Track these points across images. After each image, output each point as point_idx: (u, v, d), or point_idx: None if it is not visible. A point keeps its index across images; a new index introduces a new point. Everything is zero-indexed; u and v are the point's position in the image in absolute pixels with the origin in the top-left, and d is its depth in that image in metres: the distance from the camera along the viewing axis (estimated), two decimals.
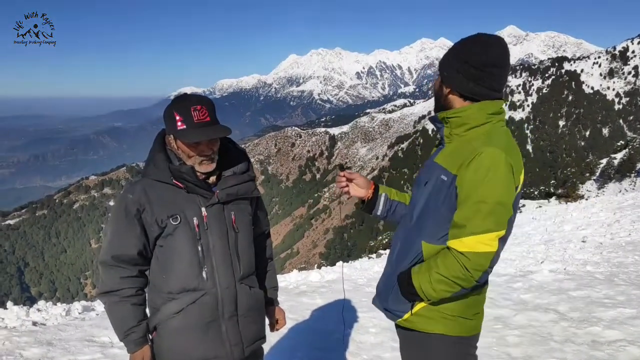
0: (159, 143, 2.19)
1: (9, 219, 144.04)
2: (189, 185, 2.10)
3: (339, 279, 7.87)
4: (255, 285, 2.33)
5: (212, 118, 2.08)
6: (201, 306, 2.12)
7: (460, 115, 1.97)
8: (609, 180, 43.60)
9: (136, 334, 2.14)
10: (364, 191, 2.35)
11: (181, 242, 2.11)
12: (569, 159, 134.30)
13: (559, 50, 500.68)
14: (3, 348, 4.27)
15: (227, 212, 2.19)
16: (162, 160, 2.13)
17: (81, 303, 6.35)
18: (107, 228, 2.20)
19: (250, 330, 2.27)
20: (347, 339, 4.76)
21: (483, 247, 1.82)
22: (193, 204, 2.12)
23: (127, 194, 2.12)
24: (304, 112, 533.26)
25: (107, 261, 2.13)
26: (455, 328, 2.05)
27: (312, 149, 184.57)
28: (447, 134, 2.05)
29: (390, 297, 2.13)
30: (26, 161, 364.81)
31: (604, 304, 5.53)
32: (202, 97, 2.13)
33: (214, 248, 2.14)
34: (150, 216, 2.10)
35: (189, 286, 2.12)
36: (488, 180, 1.82)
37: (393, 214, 2.37)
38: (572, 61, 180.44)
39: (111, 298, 2.14)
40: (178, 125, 2.04)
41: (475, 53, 1.94)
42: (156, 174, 2.12)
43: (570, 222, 14.09)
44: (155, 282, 2.19)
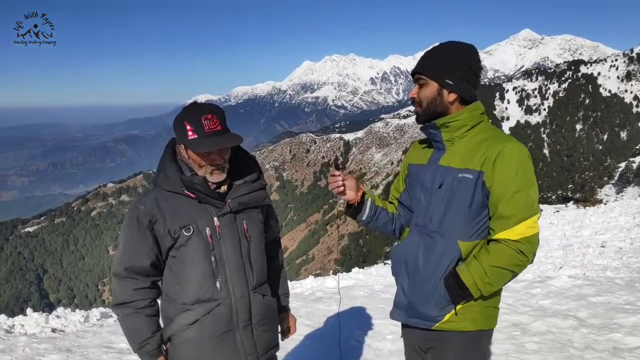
0: (169, 153, 2.17)
1: (28, 227, 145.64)
2: (200, 196, 2.10)
3: (356, 285, 7.85)
4: (268, 294, 2.32)
5: (223, 127, 2.07)
6: (216, 317, 2.12)
7: (459, 119, 2.08)
8: (627, 184, 42.98)
9: (151, 345, 2.14)
10: (353, 194, 2.29)
11: (194, 252, 2.10)
12: (587, 163, 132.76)
13: (575, 54, 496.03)
14: (23, 354, 4.32)
15: (239, 221, 2.18)
16: (173, 170, 2.11)
17: (99, 310, 6.40)
18: (120, 239, 2.19)
19: (265, 339, 2.27)
20: (363, 345, 4.74)
21: (531, 231, 1.99)
22: (205, 214, 2.12)
23: (139, 205, 2.11)
24: (318, 118, 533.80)
25: (120, 273, 2.13)
26: (491, 321, 2.16)
27: (327, 154, 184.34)
28: (447, 138, 2.12)
29: (427, 305, 2.11)
30: (45, 169, 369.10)
31: (624, 310, 5.44)
32: (212, 105, 2.11)
33: (227, 258, 2.14)
34: (162, 227, 2.09)
35: (203, 297, 2.11)
36: (520, 172, 1.97)
37: (376, 220, 2.36)
38: (589, 64, 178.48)
39: (125, 310, 2.14)
40: (189, 134, 2.03)
41: (474, 60, 2.10)
42: (168, 185, 2.11)
43: (589, 227, 13.94)
44: (169, 293, 2.18)
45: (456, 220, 2.06)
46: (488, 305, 2.13)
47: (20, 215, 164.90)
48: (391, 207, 2.42)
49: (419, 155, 2.31)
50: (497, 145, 2.01)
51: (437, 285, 2.08)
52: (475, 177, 2.02)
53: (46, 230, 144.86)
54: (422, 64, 2.13)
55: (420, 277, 2.13)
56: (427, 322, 2.14)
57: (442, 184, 2.09)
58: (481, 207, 2.05)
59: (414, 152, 2.37)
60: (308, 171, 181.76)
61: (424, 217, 2.15)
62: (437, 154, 2.18)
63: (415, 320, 2.18)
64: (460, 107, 2.11)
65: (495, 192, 1.99)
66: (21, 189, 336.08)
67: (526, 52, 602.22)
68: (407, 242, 2.23)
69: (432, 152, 2.21)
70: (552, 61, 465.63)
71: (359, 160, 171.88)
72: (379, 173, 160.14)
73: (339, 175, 2.26)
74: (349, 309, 6.01)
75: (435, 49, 2.15)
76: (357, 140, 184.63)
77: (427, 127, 2.15)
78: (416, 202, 2.22)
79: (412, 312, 2.18)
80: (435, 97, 2.10)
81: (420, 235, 2.16)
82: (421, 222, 2.17)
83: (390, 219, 2.39)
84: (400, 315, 2.24)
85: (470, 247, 2.06)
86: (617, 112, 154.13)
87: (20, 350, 4.40)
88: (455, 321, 2.09)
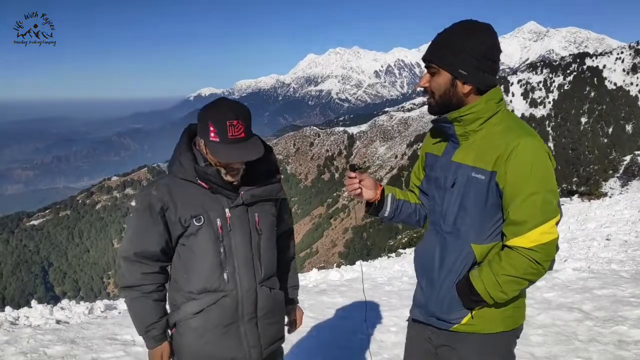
0: (185, 141, 2.15)
1: (34, 220, 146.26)
2: (213, 187, 2.08)
3: (359, 278, 7.85)
4: (276, 287, 2.31)
5: (247, 134, 2.02)
6: (221, 307, 2.12)
7: (474, 111, 1.89)
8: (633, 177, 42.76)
9: (156, 330, 2.15)
10: (372, 193, 2.21)
11: (203, 242, 2.09)
12: (592, 156, 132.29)
13: (581, 46, 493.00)
14: (27, 346, 4.33)
15: (250, 214, 2.17)
16: (188, 159, 2.09)
17: (104, 302, 6.43)
18: (130, 223, 2.18)
19: (269, 332, 2.26)
20: (368, 337, 4.73)
21: (547, 237, 1.80)
22: (217, 204, 2.11)
23: (152, 191, 2.10)
24: (322, 111, 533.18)
25: (130, 257, 2.12)
26: (515, 321, 2.05)
27: (331, 148, 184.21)
28: (460, 133, 1.96)
29: (443, 307, 2.04)
30: (49, 163, 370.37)
31: (630, 302, 5.42)
32: (239, 107, 2.04)
33: (237, 249, 2.13)
34: (173, 215, 2.08)
35: (210, 287, 2.11)
36: (535, 172, 1.79)
37: (399, 215, 2.28)
38: (594, 57, 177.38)
39: (132, 293, 2.14)
40: (211, 136, 1.99)
41: (491, 44, 1.88)
42: (181, 173, 2.09)
43: (594, 220, 13.91)
44: (177, 280, 2.18)
45: (470, 222, 1.94)
46: (509, 307, 2.00)
47: (26, 208, 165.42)
48: (413, 197, 2.32)
49: (435, 144, 2.15)
50: (511, 140, 1.82)
51: (452, 289, 2.00)
52: (487, 177, 1.87)
53: (51, 223, 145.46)
54: (432, 51, 1.92)
55: (435, 278, 2.05)
56: (445, 323, 2.05)
57: (455, 182, 1.96)
58: (496, 209, 1.91)
59: (431, 139, 2.21)
60: (312, 165, 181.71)
61: (438, 216, 2.06)
62: (450, 147, 2.03)
63: (433, 320, 2.09)
64: (477, 98, 1.92)
65: (508, 194, 1.83)
66: (26, 182, 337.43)
67: (531, 44, 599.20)
68: (426, 241, 2.15)
69: (446, 145, 2.07)
70: (557, 54, 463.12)
71: (363, 154, 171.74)
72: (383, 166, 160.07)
73: (355, 177, 2.17)
74: (353, 302, 6.02)
75: (447, 32, 1.90)
76: (361, 134, 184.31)
77: (438, 120, 1.99)
78: (431, 199, 2.12)
79: (430, 312, 2.10)
80: (448, 88, 1.91)
81: (436, 235, 2.07)
82: (436, 220, 2.08)
83: (413, 210, 2.29)
84: (421, 315, 2.16)
85: (485, 250, 1.94)
86: (622, 105, 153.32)
87: (24, 342, 4.42)
88: (473, 324, 1.99)
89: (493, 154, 1.85)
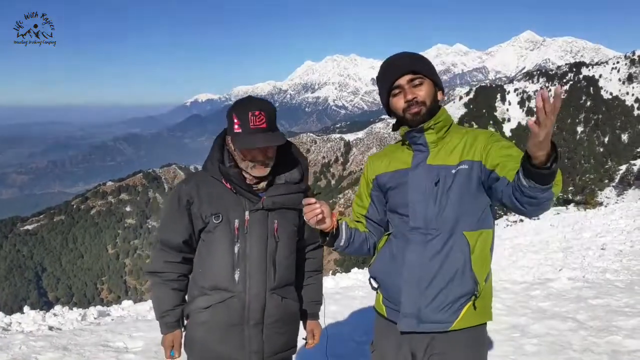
0: (219, 142, 2.22)
1: (28, 225, 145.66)
2: (236, 187, 2.14)
3: (354, 285, 7.83)
4: (290, 297, 2.30)
5: (269, 125, 2.07)
6: (228, 307, 2.15)
7: (442, 119, 2.08)
8: (628, 186, 43.02)
9: (170, 317, 2.25)
10: (329, 220, 2.09)
11: (219, 241, 2.15)
12: (588, 166, 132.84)
13: (577, 56, 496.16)
14: (19, 352, 4.30)
15: (270, 220, 2.19)
16: (215, 159, 2.17)
17: (97, 308, 6.39)
18: (162, 212, 2.34)
19: (275, 342, 2.25)
20: (363, 346, 4.71)
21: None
22: (238, 206, 2.15)
23: (182, 185, 2.22)
24: (319, 118, 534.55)
25: (157, 244, 2.26)
26: (491, 313, 2.16)
27: (327, 155, 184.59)
28: (432, 140, 2.08)
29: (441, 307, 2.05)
30: (44, 167, 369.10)
31: (624, 312, 5.42)
32: (264, 102, 2.11)
33: (251, 253, 2.15)
34: (197, 209, 2.16)
35: (220, 285, 2.16)
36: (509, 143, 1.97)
37: (353, 243, 2.23)
38: (590, 66, 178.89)
39: (155, 279, 2.26)
40: (235, 128, 2.07)
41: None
42: (210, 171, 2.18)
43: (589, 229, 13.91)
44: (195, 274, 2.26)
45: (458, 213, 2.02)
46: (491, 296, 2.14)
47: (20, 213, 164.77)
48: (361, 226, 2.31)
49: (390, 163, 2.21)
50: (484, 135, 2.05)
51: (451, 283, 2.02)
52: (470, 166, 2.00)
53: (45, 228, 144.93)
54: (416, 63, 2.06)
55: (430, 279, 2.04)
56: (443, 325, 2.05)
57: (437, 180, 2.04)
58: (480, 195, 2.03)
59: (379, 163, 2.26)
60: None
61: (423, 218, 2.06)
62: (420, 156, 2.11)
63: (430, 325, 2.07)
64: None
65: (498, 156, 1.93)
66: (21, 187, 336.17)
67: (528, 53, 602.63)
68: (403, 249, 2.11)
69: (412, 156, 2.13)
70: (553, 63, 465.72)
71: (360, 161, 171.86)
72: None
73: (315, 203, 2.02)
74: (348, 309, 5.99)
75: (409, 53, 2.13)
76: (358, 141, 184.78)
77: (411, 131, 2.08)
78: (410, 206, 2.10)
79: (424, 318, 2.07)
80: (434, 95, 2.08)
81: (420, 238, 2.07)
82: (419, 224, 2.07)
83: (364, 239, 2.28)
84: (411, 325, 2.09)
85: (476, 237, 2.03)
86: (618, 115, 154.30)
87: (16, 348, 4.38)
88: (470, 317, 2.05)
89: (471, 148, 2.03)
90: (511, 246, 13.65)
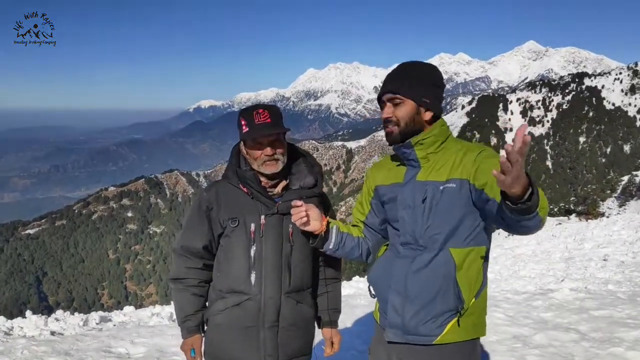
0: (236, 151, 2.34)
1: (29, 229, 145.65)
2: (252, 191, 2.22)
3: (356, 293, 7.82)
4: (305, 302, 2.34)
5: (273, 120, 2.19)
6: (244, 310, 2.21)
7: (433, 134, 2.10)
8: (630, 197, 42.85)
9: (191, 322, 2.32)
10: (318, 224, 2.23)
11: (236, 244, 2.23)
12: (590, 176, 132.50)
13: (580, 66, 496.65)
14: (22, 357, 4.30)
15: (285, 224, 2.25)
16: (233, 164, 2.29)
17: (98, 313, 6.40)
18: (184, 219, 2.37)
19: (290, 345, 2.29)
20: (364, 355, 4.70)
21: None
22: (255, 210, 2.23)
23: (203, 192, 2.31)
24: (321, 125, 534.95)
25: (178, 250, 2.32)
26: (484, 328, 2.17)
27: (329, 162, 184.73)
28: (422, 156, 2.11)
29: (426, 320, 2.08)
30: (47, 172, 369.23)
31: (626, 324, 5.41)
32: (268, 104, 2.27)
33: (266, 256, 2.21)
34: (216, 215, 2.25)
35: (236, 288, 2.22)
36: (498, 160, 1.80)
37: (343, 248, 2.32)
38: (593, 77, 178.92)
39: (177, 285, 2.32)
40: (244, 129, 2.19)
41: (439, 77, 2.16)
42: (229, 177, 2.28)
43: (591, 240, 13.89)
44: (214, 278, 2.33)
45: (445, 230, 2.05)
46: (482, 312, 2.14)
47: (21, 217, 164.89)
48: (356, 231, 2.39)
49: (388, 175, 2.27)
50: (473, 152, 2.04)
51: (436, 298, 2.05)
52: (458, 185, 2.01)
53: (47, 232, 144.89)
54: (396, 83, 2.11)
55: (415, 293, 2.09)
56: (427, 338, 2.09)
57: (425, 197, 2.07)
58: (470, 213, 2.04)
59: (379, 173, 2.33)
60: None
61: (411, 233, 2.12)
62: (412, 171, 2.16)
63: (414, 337, 2.12)
64: (431, 124, 2.13)
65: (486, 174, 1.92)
66: (23, 191, 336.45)
67: (530, 63, 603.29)
68: (393, 261, 2.19)
69: (405, 170, 2.19)
70: (556, 73, 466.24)
71: (361, 169, 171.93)
72: None
73: (302, 206, 2.17)
74: (349, 317, 5.99)
75: (404, 69, 2.15)
76: (360, 149, 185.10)
77: (401, 147, 2.13)
78: (400, 221, 2.16)
79: (409, 330, 2.12)
80: (413, 116, 2.09)
81: (410, 252, 2.13)
82: (409, 239, 2.13)
83: (356, 244, 2.35)
84: (397, 335, 2.16)
85: (464, 254, 2.05)
86: (620, 125, 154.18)
87: (18, 353, 4.38)
88: (455, 332, 2.07)
89: (460, 166, 2.03)
90: (513, 256, 13.64)
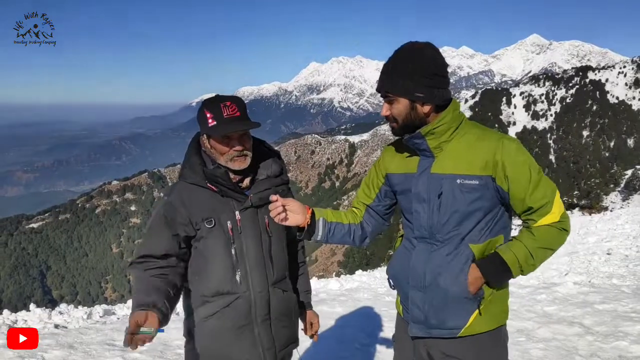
0: (194, 146, 2.22)
1: (33, 223, 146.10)
2: (222, 189, 2.12)
3: (359, 287, 7.82)
4: (289, 289, 2.33)
5: (242, 114, 2.09)
6: (235, 310, 2.15)
7: (444, 122, 1.99)
8: (634, 191, 42.83)
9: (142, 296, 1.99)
10: (300, 217, 2.15)
11: (215, 245, 2.13)
12: (593, 170, 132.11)
13: (583, 60, 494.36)
14: (25, 350, 4.31)
15: (260, 216, 2.20)
16: (197, 163, 2.15)
17: (102, 307, 6.41)
18: (147, 226, 2.24)
19: (283, 334, 2.28)
20: (367, 348, 4.71)
21: (561, 204, 2.01)
22: (227, 207, 2.14)
23: (165, 197, 2.19)
24: (324, 119, 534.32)
25: (134, 261, 2.14)
26: (507, 315, 2.18)
27: (332, 156, 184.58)
28: (435, 145, 2.03)
29: (449, 314, 2.07)
30: (50, 166, 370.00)
31: (631, 318, 5.39)
32: (232, 96, 2.15)
33: (248, 252, 2.16)
34: (185, 218, 2.11)
35: (222, 289, 2.14)
36: (524, 160, 1.95)
37: (332, 237, 2.28)
38: (597, 70, 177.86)
39: (134, 270, 2.12)
40: (209, 122, 2.07)
41: (438, 62, 1.99)
42: (191, 178, 2.15)
43: (595, 234, 13.85)
44: (190, 286, 2.20)
45: (464, 226, 2.02)
46: (504, 299, 2.15)
47: (25, 211, 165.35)
48: (350, 217, 2.34)
49: (400, 163, 2.20)
50: (492, 144, 1.97)
51: (458, 292, 2.03)
52: (482, 182, 1.97)
53: (50, 226, 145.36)
54: (386, 82, 2.01)
55: (435, 288, 2.06)
56: (452, 331, 2.08)
57: (441, 192, 2.02)
58: (489, 209, 2.02)
59: (392, 160, 2.25)
60: (313, 173, 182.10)
61: (427, 228, 2.08)
62: (425, 162, 2.08)
63: (438, 331, 2.11)
64: (437, 114, 2.02)
65: (518, 190, 1.95)
66: (26, 185, 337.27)
67: (534, 57, 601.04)
68: (410, 255, 2.15)
69: (418, 160, 2.11)
70: (559, 67, 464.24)
71: (364, 163, 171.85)
72: None
73: (277, 201, 2.07)
74: (353, 312, 5.99)
75: (393, 61, 2.00)
76: (363, 143, 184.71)
77: (410, 138, 2.04)
78: (415, 215, 2.12)
79: (433, 324, 2.11)
80: (409, 112, 2.00)
81: (428, 247, 2.10)
82: (424, 233, 2.09)
83: (347, 232, 2.31)
84: (421, 330, 2.15)
85: (482, 249, 2.03)
86: (624, 119, 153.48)
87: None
88: (479, 323, 2.07)
89: (479, 160, 1.97)
90: None
